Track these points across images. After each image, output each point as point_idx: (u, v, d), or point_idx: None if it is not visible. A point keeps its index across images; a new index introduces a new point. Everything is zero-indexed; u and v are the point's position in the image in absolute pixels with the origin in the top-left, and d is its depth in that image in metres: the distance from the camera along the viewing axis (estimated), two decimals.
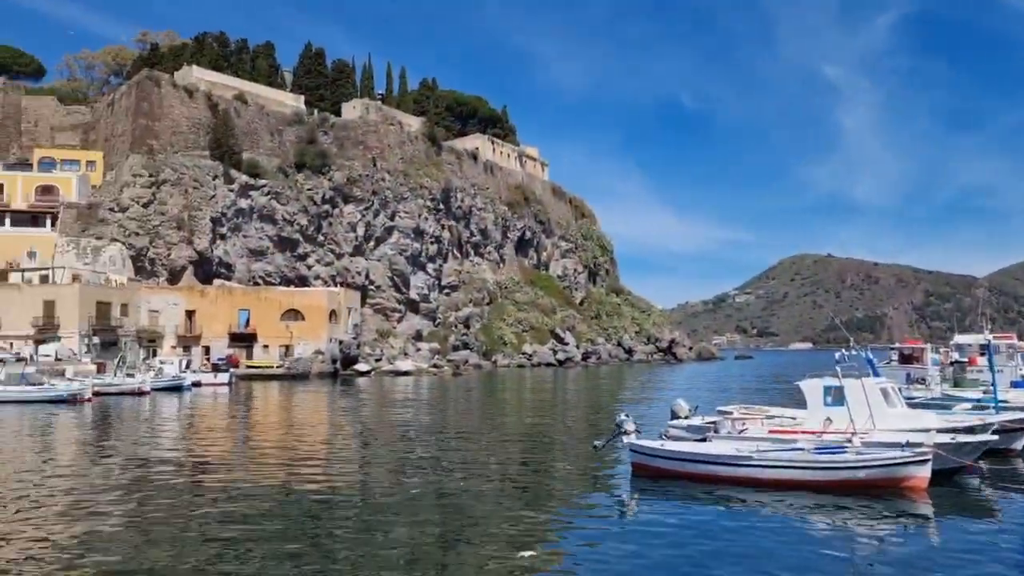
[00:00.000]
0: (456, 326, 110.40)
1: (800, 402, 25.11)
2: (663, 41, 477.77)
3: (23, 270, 76.65)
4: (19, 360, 58.80)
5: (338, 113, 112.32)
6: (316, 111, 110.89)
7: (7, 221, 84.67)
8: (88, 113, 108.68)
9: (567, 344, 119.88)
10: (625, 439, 22.00)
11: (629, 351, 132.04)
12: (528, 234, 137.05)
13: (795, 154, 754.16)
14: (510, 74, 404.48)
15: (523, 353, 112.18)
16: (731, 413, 27.09)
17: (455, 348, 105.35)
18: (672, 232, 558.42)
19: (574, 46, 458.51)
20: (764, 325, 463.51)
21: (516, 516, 17.00)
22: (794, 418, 25.02)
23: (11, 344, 66.53)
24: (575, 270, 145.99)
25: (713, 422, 24.65)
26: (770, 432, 22.95)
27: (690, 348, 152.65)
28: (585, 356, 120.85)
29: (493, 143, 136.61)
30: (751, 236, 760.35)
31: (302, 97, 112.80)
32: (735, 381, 77.31)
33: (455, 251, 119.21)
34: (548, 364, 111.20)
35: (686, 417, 26.18)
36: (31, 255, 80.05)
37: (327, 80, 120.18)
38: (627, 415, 23.13)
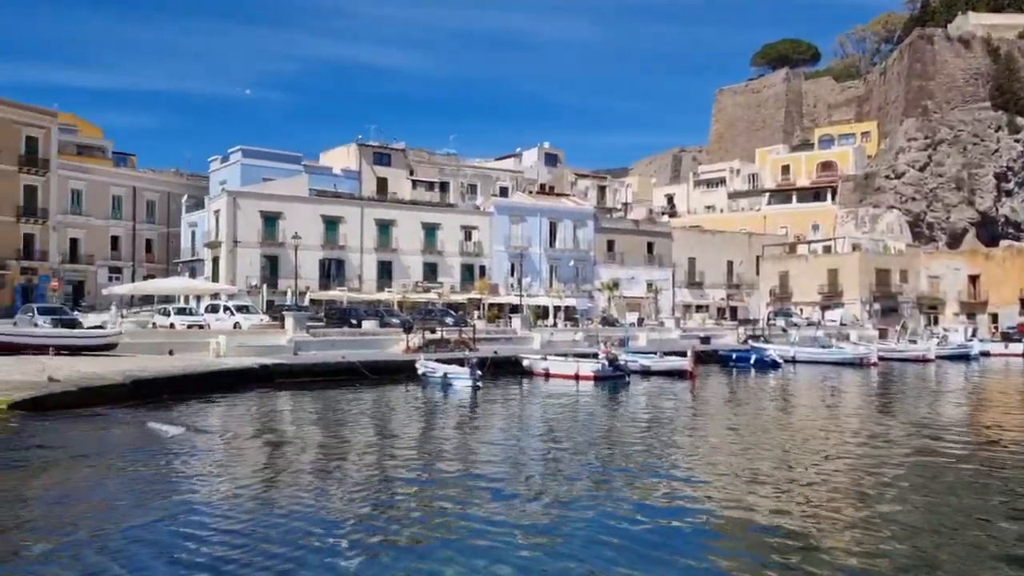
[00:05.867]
0: None
1: None
2: None
3: (809, 242, 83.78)
4: (809, 325, 64.72)
5: None
6: None
7: (793, 198, 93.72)
8: (861, 86, 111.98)
9: None
10: None
11: None
12: None
13: None
14: None
15: None
16: None
17: None
18: None
19: None
20: None
21: None
22: None
23: (801, 310, 73.60)
24: None
25: None
26: None
27: None
28: None
29: None
30: None
31: None
32: None
33: None
34: None
35: None
36: (814, 228, 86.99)
37: None
38: None
